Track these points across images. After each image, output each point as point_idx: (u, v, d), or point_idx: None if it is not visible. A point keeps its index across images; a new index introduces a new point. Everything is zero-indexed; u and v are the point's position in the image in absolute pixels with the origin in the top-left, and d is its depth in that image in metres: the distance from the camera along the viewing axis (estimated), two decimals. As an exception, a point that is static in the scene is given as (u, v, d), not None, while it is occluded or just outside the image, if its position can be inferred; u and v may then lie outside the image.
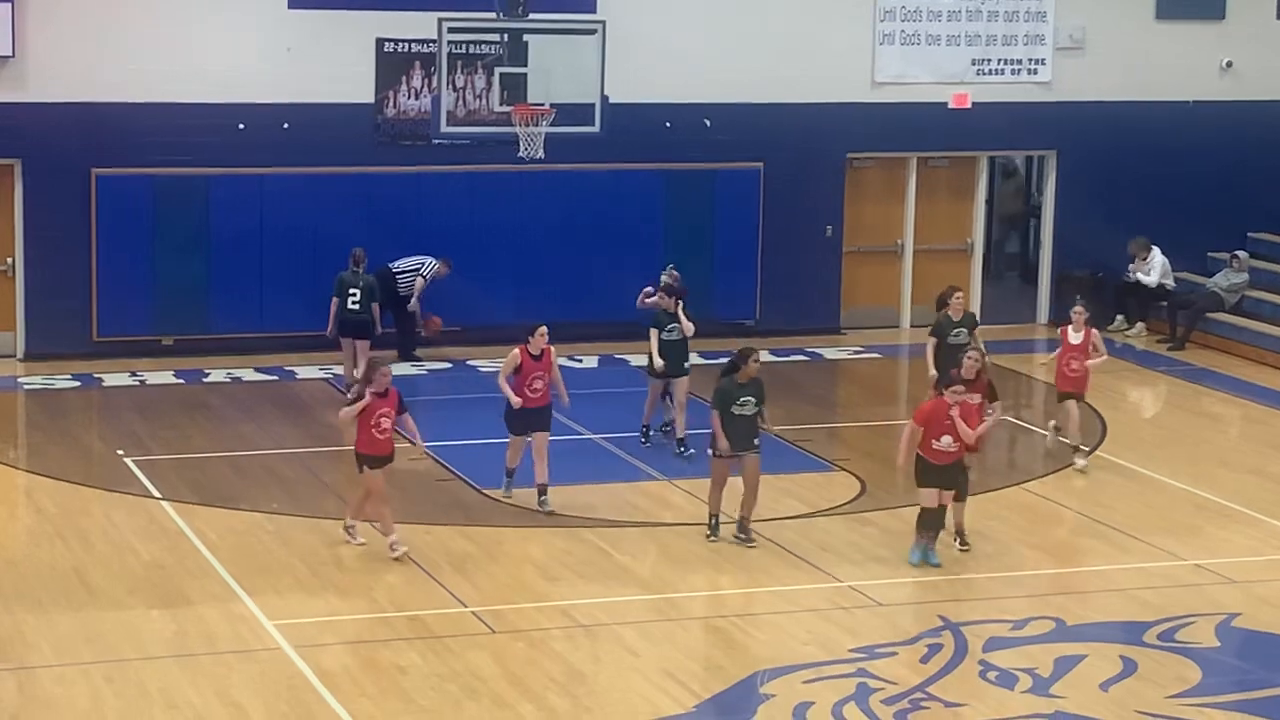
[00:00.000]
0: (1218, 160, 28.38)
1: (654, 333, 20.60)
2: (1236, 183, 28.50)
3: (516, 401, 18.46)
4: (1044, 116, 28.00)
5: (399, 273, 24.69)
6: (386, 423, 17.28)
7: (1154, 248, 27.82)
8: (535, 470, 18.67)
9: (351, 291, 23.02)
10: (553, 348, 18.80)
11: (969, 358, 18.04)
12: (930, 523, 17.34)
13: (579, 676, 14.92)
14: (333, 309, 23.13)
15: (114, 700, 14.14)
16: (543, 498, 18.68)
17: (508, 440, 18.97)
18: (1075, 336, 20.78)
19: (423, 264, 24.71)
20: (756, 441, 17.71)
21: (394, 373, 22.30)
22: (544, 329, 18.64)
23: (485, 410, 22.50)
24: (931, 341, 21.13)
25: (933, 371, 20.55)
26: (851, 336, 27.28)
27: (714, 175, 26.67)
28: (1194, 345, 27.05)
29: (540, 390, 18.63)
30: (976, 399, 17.83)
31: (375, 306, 23.19)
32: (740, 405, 17.58)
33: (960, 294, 21.53)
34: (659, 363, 20.48)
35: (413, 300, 24.71)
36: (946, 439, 17.08)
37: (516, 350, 18.63)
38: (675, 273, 21.43)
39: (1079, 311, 20.99)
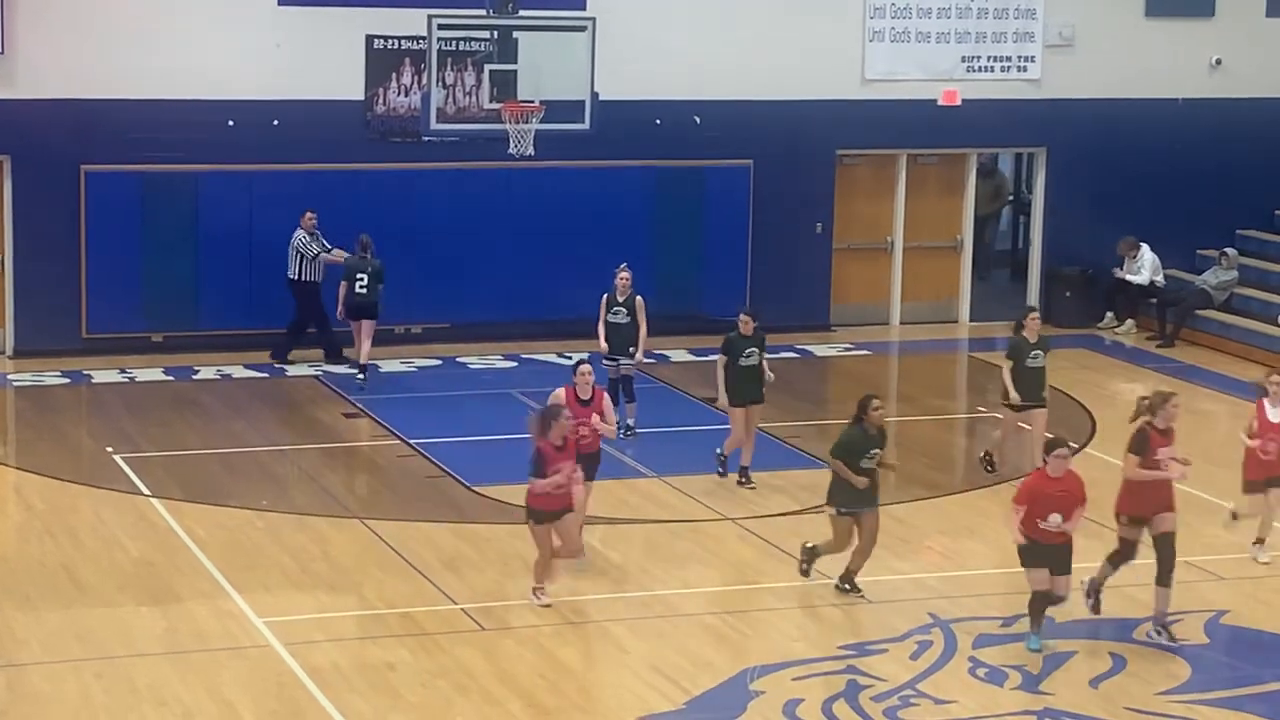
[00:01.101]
0: (1207, 158, 28.39)
1: (723, 359, 19.46)
2: (1226, 180, 28.50)
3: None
4: (1033, 114, 28.00)
5: (300, 270, 24.48)
6: (559, 477, 15.68)
7: (1143, 245, 27.82)
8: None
9: (359, 276, 23.35)
10: (603, 390, 17.13)
11: (1172, 405, 15.88)
12: (1042, 605, 15.48)
13: (569, 673, 14.93)
14: (341, 292, 23.45)
15: (103, 697, 14.13)
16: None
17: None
18: (1275, 413, 17.71)
19: (297, 249, 24.25)
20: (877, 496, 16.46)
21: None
22: (586, 366, 16.74)
23: (475, 407, 22.52)
24: (1008, 364, 20.00)
25: (1014, 394, 19.81)
26: (841, 333, 27.26)
27: (704, 172, 26.65)
28: (1183, 342, 27.06)
29: (590, 437, 16.54)
30: (1171, 448, 15.89)
31: (381, 288, 23.37)
32: (869, 458, 16.23)
33: (1035, 314, 20.18)
34: (722, 397, 19.41)
35: (327, 254, 24.19)
36: (1055, 517, 15.16)
37: (560, 390, 16.74)
38: (628, 272, 21.33)
39: (1276, 381, 17.75)
